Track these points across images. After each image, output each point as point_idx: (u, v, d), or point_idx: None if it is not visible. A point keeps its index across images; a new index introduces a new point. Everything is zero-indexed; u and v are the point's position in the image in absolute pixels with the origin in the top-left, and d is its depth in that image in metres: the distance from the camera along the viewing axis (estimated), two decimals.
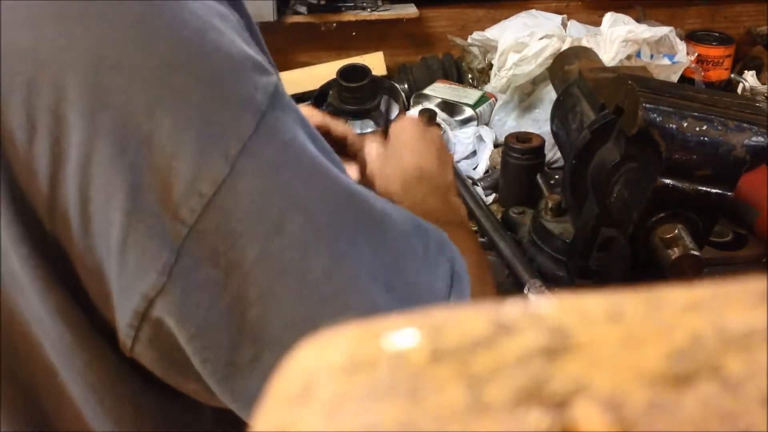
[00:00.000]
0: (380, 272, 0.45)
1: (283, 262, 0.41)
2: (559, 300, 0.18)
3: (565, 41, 1.25)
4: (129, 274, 0.40)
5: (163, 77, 0.39)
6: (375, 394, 0.16)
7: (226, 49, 0.41)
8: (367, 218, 0.46)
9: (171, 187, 0.39)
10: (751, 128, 0.70)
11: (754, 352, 0.15)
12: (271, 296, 0.41)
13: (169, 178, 0.39)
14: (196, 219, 0.40)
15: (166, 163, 0.39)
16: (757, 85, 1.46)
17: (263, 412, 0.17)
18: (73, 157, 0.39)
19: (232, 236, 0.40)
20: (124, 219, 0.39)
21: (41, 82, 0.38)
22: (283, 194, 0.42)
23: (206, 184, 0.39)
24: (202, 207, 0.40)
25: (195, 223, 0.40)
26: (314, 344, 0.18)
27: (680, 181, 0.71)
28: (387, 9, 1.49)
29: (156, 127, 0.39)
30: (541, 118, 1.27)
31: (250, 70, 0.42)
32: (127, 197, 0.39)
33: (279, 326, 0.42)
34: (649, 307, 0.17)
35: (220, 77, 0.41)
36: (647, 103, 0.71)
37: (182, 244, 0.40)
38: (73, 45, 0.38)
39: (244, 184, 0.40)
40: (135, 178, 0.39)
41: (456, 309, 0.18)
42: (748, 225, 1.02)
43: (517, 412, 0.15)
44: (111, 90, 0.38)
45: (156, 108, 0.39)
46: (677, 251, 0.70)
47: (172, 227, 0.40)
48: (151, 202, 0.39)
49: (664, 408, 0.14)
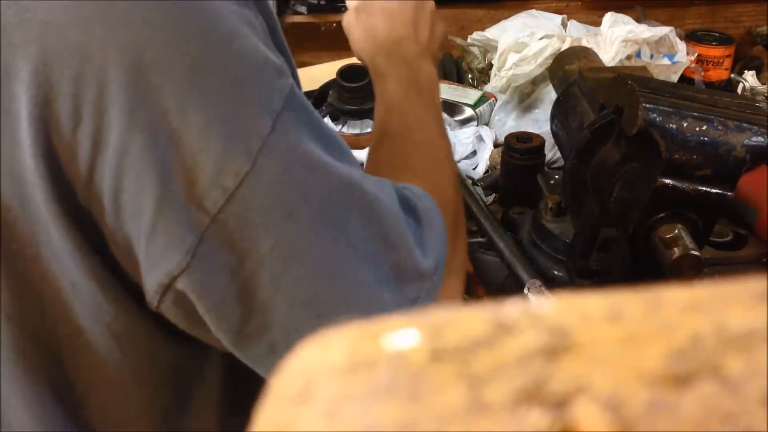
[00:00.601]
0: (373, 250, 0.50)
1: (293, 248, 0.47)
2: (559, 300, 0.18)
3: (565, 41, 1.25)
4: (156, 253, 0.45)
5: (194, 78, 0.44)
6: (375, 394, 0.16)
7: (250, 55, 0.46)
8: (362, 204, 0.51)
9: (196, 180, 0.44)
10: (751, 128, 0.70)
11: (754, 352, 0.15)
12: (281, 279, 0.47)
13: (195, 172, 0.44)
14: (218, 209, 0.45)
15: (192, 157, 0.44)
16: (757, 85, 1.46)
17: (263, 411, 0.17)
18: (111, 146, 0.43)
19: (250, 226, 0.45)
20: (155, 206, 0.44)
21: (88, 76, 0.42)
22: (294, 186, 0.47)
23: (229, 178, 0.44)
24: (225, 199, 0.45)
25: (217, 213, 0.45)
26: (314, 344, 0.18)
27: (680, 181, 0.71)
28: None
29: (185, 124, 0.43)
30: (541, 118, 1.27)
31: (270, 74, 0.47)
32: (158, 186, 0.44)
33: (285, 306, 0.47)
34: (649, 307, 0.17)
35: (244, 80, 0.45)
36: (647, 103, 0.71)
37: (204, 231, 0.45)
38: (116, 44, 0.42)
39: (262, 177, 0.45)
40: (165, 169, 0.43)
41: (456, 309, 0.18)
42: (748, 225, 1.02)
43: (517, 412, 0.15)
44: (148, 87, 0.43)
45: (187, 107, 0.43)
46: (677, 251, 0.70)
47: (196, 216, 0.45)
48: (179, 192, 0.44)
49: (664, 408, 0.14)
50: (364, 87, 1.30)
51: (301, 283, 0.47)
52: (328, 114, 1.33)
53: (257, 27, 0.48)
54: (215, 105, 0.44)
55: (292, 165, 0.47)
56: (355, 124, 1.35)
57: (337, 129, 1.33)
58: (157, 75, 0.43)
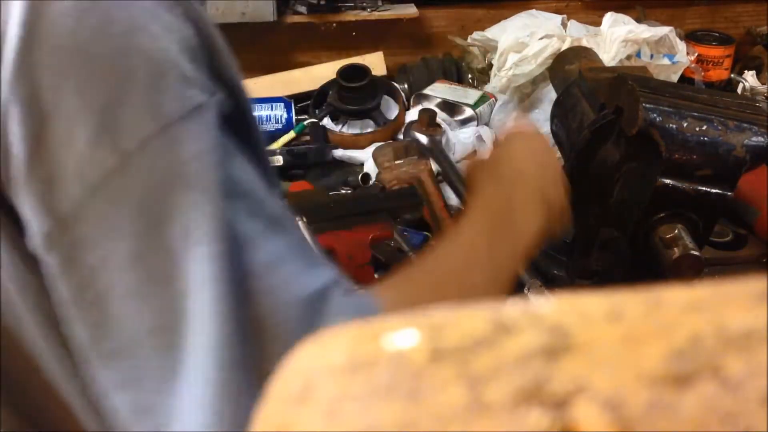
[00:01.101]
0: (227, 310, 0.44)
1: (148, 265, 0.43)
2: (559, 300, 0.18)
3: (565, 41, 1.25)
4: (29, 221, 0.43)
5: (77, 61, 0.43)
6: (375, 394, 0.16)
7: (150, 54, 0.44)
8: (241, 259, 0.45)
9: (61, 164, 0.42)
10: (751, 128, 0.70)
11: (754, 352, 0.15)
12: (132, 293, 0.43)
13: (61, 154, 0.42)
14: (77, 204, 0.42)
15: (59, 140, 0.42)
16: (757, 85, 1.46)
17: (263, 411, 0.17)
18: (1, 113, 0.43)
19: (109, 232, 0.43)
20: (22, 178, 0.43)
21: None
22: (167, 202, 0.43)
23: (93, 171, 0.42)
24: (86, 194, 0.42)
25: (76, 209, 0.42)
26: (314, 344, 0.18)
27: (680, 181, 0.71)
28: (387, 9, 1.49)
29: (58, 103, 0.42)
30: (541, 118, 1.27)
31: (171, 79, 0.44)
32: (25, 161, 0.42)
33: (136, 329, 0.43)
34: (649, 307, 0.17)
35: (132, 76, 0.43)
36: (647, 103, 0.71)
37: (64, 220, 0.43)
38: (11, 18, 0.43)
39: (134, 181, 0.43)
40: (33, 145, 0.42)
41: (456, 309, 0.18)
42: (748, 225, 1.02)
43: (517, 412, 0.15)
44: (31, 63, 0.42)
45: (63, 87, 0.42)
46: (677, 251, 0.70)
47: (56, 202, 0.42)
48: (44, 172, 0.42)
49: (664, 408, 0.14)
50: (364, 87, 1.30)
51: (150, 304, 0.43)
52: (328, 114, 1.33)
53: (177, 33, 0.45)
54: (93, 92, 0.43)
55: (170, 180, 0.43)
56: (355, 124, 1.35)
57: (337, 129, 1.33)
58: (43, 51, 0.42)
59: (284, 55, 1.47)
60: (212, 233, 0.44)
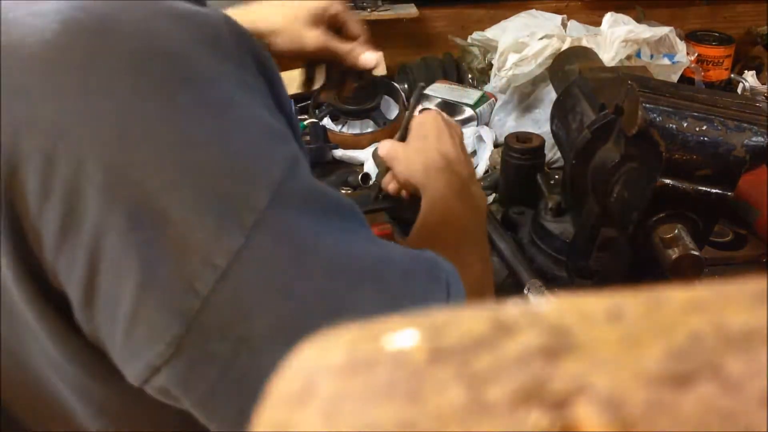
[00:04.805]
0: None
1: (294, 329, 0.42)
2: (559, 300, 0.18)
3: (565, 41, 1.25)
4: (135, 344, 0.41)
5: (182, 154, 0.39)
6: (375, 394, 0.16)
7: (247, 124, 0.42)
8: (368, 273, 0.46)
9: (186, 261, 0.39)
10: (751, 128, 0.70)
11: (754, 352, 0.15)
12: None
13: (185, 252, 0.39)
14: (209, 291, 0.40)
15: (180, 237, 0.39)
16: (757, 85, 1.46)
17: (263, 411, 0.17)
18: (85, 228, 0.39)
19: (246, 306, 0.41)
20: (135, 292, 0.39)
21: (60, 153, 0.38)
22: (292, 262, 0.42)
23: (221, 256, 0.40)
24: (216, 278, 0.40)
25: (208, 295, 0.40)
26: (314, 344, 0.18)
27: (680, 181, 0.71)
28: (387, 9, 1.49)
29: (172, 202, 0.39)
30: (541, 118, 1.27)
31: (269, 141, 0.43)
32: (139, 271, 0.39)
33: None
34: (649, 307, 0.17)
35: (239, 153, 0.41)
36: (647, 103, 0.71)
37: (195, 317, 0.40)
38: (94, 118, 0.38)
39: (257, 254, 0.41)
40: (149, 252, 0.39)
41: (456, 309, 0.18)
42: (748, 225, 1.02)
43: (517, 412, 0.15)
44: (130, 165, 0.39)
45: (174, 184, 0.39)
46: (677, 251, 0.70)
47: (184, 300, 0.40)
48: (165, 275, 0.39)
49: (664, 408, 0.14)
50: (364, 87, 1.30)
51: None
52: (328, 114, 1.33)
53: (256, 90, 0.44)
54: (205, 182, 0.40)
55: (290, 240, 0.42)
56: (355, 124, 1.35)
57: (337, 129, 1.33)
58: (140, 151, 0.39)
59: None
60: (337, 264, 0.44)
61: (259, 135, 0.43)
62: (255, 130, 0.42)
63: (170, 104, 0.39)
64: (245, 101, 0.43)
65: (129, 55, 0.39)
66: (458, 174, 0.78)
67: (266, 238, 0.41)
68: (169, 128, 0.39)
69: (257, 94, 0.44)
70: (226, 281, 0.40)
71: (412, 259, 0.50)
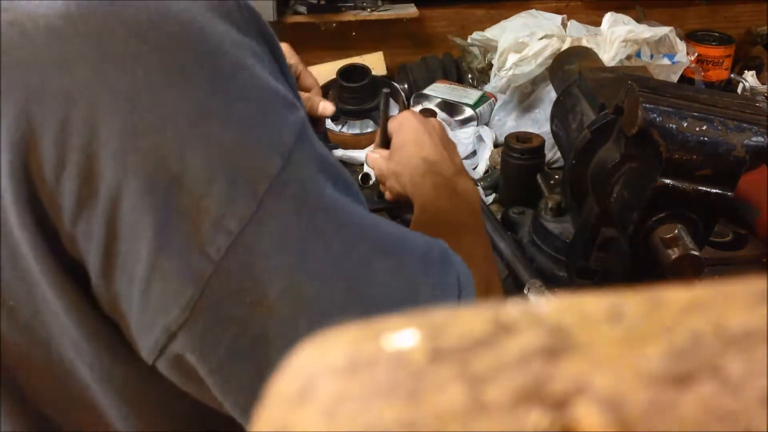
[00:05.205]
0: (396, 297, 0.46)
1: (305, 296, 0.42)
2: (559, 300, 0.18)
3: (565, 41, 1.25)
4: (152, 308, 0.41)
5: (195, 119, 0.40)
6: (375, 394, 0.16)
7: (257, 89, 0.42)
8: (383, 246, 0.47)
9: (199, 226, 0.40)
10: (751, 128, 0.70)
11: (754, 352, 0.15)
12: (294, 330, 0.42)
13: (197, 217, 0.40)
14: (222, 256, 0.41)
15: (194, 202, 0.40)
16: (757, 85, 1.46)
17: (263, 411, 0.17)
18: (102, 195, 0.40)
19: (257, 272, 0.41)
20: (150, 256, 0.40)
21: (74, 121, 0.39)
22: (304, 229, 0.43)
23: (233, 222, 0.41)
24: (229, 244, 0.41)
25: (221, 260, 0.41)
26: (314, 344, 0.18)
27: (680, 181, 0.71)
28: (387, 9, 1.49)
29: (186, 168, 0.40)
30: (541, 118, 1.27)
31: (279, 108, 0.43)
32: (154, 235, 0.40)
33: None
34: (649, 307, 0.17)
35: (251, 119, 0.42)
36: (647, 103, 0.71)
37: (208, 281, 0.41)
38: (107, 86, 0.39)
39: (269, 220, 0.41)
40: (163, 217, 0.40)
41: (456, 309, 0.18)
42: (748, 225, 1.02)
43: (517, 412, 0.15)
44: (143, 131, 0.39)
45: (187, 150, 0.40)
46: (677, 251, 0.70)
47: (198, 264, 0.40)
48: (179, 240, 0.40)
49: (664, 408, 0.14)
50: (364, 87, 1.30)
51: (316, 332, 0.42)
52: None
53: (263, 57, 0.44)
54: (219, 147, 0.40)
55: (304, 205, 0.43)
56: (355, 124, 1.35)
57: (337, 129, 1.33)
58: (154, 117, 0.39)
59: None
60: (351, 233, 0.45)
61: (269, 101, 0.43)
62: (265, 96, 0.43)
63: (181, 71, 0.40)
64: (255, 69, 0.43)
65: (140, 24, 0.39)
66: (442, 175, 0.79)
67: (279, 204, 0.42)
68: (181, 95, 0.40)
69: (264, 61, 0.44)
70: (239, 246, 0.41)
71: (427, 243, 0.51)
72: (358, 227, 0.46)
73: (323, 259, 0.43)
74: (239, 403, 0.44)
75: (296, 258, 0.42)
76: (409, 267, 0.47)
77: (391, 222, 0.50)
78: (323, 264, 0.43)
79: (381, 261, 0.46)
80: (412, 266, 0.48)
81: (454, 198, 0.76)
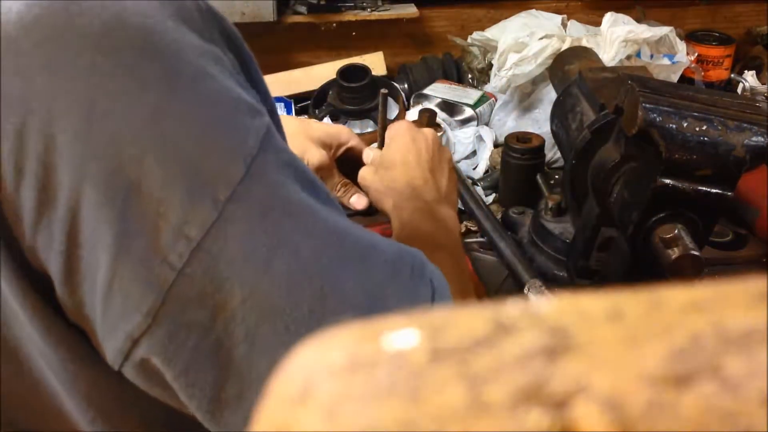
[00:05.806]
0: (362, 305, 0.45)
1: (270, 302, 0.42)
2: (559, 300, 0.18)
3: (565, 41, 1.25)
4: (114, 315, 0.41)
5: (153, 127, 0.39)
6: (375, 394, 0.16)
7: (218, 97, 0.42)
8: (352, 253, 0.46)
9: (159, 233, 0.40)
10: (751, 128, 0.70)
11: (754, 352, 0.15)
12: (257, 336, 0.42)
13: (158, 224, 0.40)
14: (184, 263, 0.40)
15: (154, 209, 0.40)
16: (757, 85, 1.46)
17: (263, 412, 0.17)
18: (61, 203, 0.39)
19: (220, 279, 0.41)
20: (111, 263, 0.40)
21: (30, 129, 0.38)
22: (270, 235, 0.42)
23: (194, 229, 0.40)
24: (190, 251, 0.40)
25: (183, 267, 0.40)
26: (314, 344, 0.18)
27: (680, 181, 0.71)
28: (387, 9, 1.49)
29: (145, 175, 0.39)
30: (541, 118, 1.27)
31: (242, 114, 0.43)
32: (113, 242, 0.40)
33: (265, 365, 0.42)
34: (649, 307, 0.17)
35: (211, 125, 0.41)
36: (647, 103, 0.71)
37: (170, 288, 0.41)
38: (62, 93, 0.38)
39: (232, 227, 0.41)
40: (122, 224, 0.39)
41: (456, 309, 0.18)
42: (748, 225, 1.02)
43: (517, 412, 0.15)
44: (100, 138, 0.39)
45: (145, 156, 0.39)
46: (677, 251, 0.70)
47: (159, 271, 0.40)
48: (139, 247, 0.40)
49: (664, 408, 0.14)
50: (364, 87, 1.30)
51: (280, 339, 0.42)
52: (328, 114, 1.33)
53: (226, 63, 0.44)
54: (178, 154, 0.40)
55: (270, 211, 0.42)
56: (355, 124, 1.35)
57: None
58: (110, 124, 0.38)
59: (284, 55, 1.47)
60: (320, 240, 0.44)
61: (231, 108, 0.42)
62: (227, 102, 0.42)
63: (138, 77, 0.39)
64: (216, 75, 0.42)
65: (95, 30, 0.39)
66: (425, 200, 0.80)
67: (243, 211, 0.41)
68: (137, 101, 0.39)
69: (226, 67, 0.44)
70: (201, 253, 0.40)
71: (399, 251, 0.51)
72: (327, 233, 0.45)
73: (289, 266, 0.43)
74: (203, 406, 0.44)
75: (261, 264, 0.42)
76: (377, 275, 0.47)
77: (363, 229, 0.49)
78: (289, 270, 0.43)
79: (348, 268, 0.45)
80: (379, 274, 0.47)
81: (434, 222, 0.78)
